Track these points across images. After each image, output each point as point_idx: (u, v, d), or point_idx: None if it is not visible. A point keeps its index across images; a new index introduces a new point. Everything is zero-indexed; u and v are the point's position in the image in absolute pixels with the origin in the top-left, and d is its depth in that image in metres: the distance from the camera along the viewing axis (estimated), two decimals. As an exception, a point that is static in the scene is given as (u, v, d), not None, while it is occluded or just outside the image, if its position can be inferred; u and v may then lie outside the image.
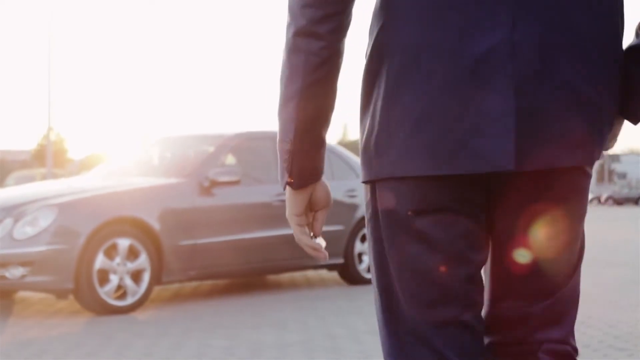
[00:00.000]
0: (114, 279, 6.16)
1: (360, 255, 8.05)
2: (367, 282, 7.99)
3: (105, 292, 6.09)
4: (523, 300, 1.49)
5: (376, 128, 1.43)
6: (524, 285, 1.49)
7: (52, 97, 30.21)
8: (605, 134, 1.43)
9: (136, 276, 6.31)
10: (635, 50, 1.45)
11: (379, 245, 1.50)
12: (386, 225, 1.46)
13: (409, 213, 1.43)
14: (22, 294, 7.14)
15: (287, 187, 1.51)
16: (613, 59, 1.41)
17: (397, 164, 1.41)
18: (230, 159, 7.40)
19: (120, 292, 6.23)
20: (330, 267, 7.94)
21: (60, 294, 6.08)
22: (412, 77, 1.38)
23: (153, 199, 6.52)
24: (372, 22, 1.46)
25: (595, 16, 1.39)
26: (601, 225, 20.82)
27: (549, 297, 1.49)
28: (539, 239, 1.46)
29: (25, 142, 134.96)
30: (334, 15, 1.41)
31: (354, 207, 8.02)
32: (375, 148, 1.43)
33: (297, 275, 8.67)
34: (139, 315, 6.13)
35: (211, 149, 7.30)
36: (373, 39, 1.44)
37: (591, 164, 1.44)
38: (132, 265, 6.25)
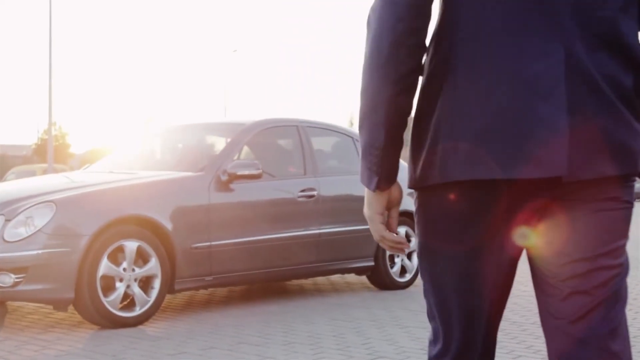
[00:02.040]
0: (120, 287, 5.37)
1: (392, 257, 7.26)
2: (399, 286, 7.21)
3: (110, 302, 5.30)
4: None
5: (442, 137, 1.56)
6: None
7: (53, 91, 29.71)
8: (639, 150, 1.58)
9: (145, 283, 5.51)
10: None
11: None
12: (443, 226, 1.62)
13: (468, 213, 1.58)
14: (14, 304, 6.30)
15: (376, 189, 1.63)
16: (633, 93, 1.59)
17: (465, 169, 1.54)
18: (248, 151, 6.59)
19: (127, 301, 5.44)
20: (359, 271, 7.14)
21: (59, 305, 5.26)
22: (473, 92, 1.54)
23: (164, 195, 5.73)
24: (433, 40, 1.61)
25: (613, 52, 1.56)
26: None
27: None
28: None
29: (26, 137, 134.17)
30: (420, 31, 1.55)
31: (385, 204, 7.22)
32: (442, 155, 1.56)
33: (320, 279, 7.87)
34: (149, 328, 5.34)
35: (228, 139, 6.49)
36: (433, 58, 1.60)
37: (635, 173, 1.59)
38: (140, 271, 5.46)
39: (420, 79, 1.64)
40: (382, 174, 1.61)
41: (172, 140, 7.09)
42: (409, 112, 1.60)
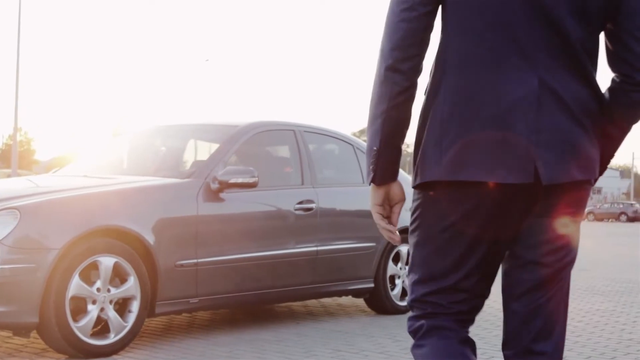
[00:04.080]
0: (92, 310, 4.61)
1: (392, 278, 6.57)
2: (400, 311, 6.52)
3: (81, 328, 4.53)
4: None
5: (440, 144, 1.90)
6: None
7: (20, 97, 28.93)
8: (597, 162, 1.98)
9: (122, 306, 4.75)
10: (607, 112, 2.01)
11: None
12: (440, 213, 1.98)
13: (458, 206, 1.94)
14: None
15: (372, 183, 1.98)
16: (596, 116, 1.96)
17: (450, 171, 1.89)
18: (239, 156, 5.85)
19: (101, 327, 4.67)
20: (357, 293, 6.44)
21: (20, 330, 4.47)
22: (463, 112, 1.89)
23: (146, 204, 4.98)
24: (433, 68, 1.96)
25: (580, 80, 1.93)
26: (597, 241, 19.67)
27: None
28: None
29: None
30: (413, 57, 1.90)
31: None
32: (436, 158, 1.91)
33: (311, 301, 7.15)
34: (125, 358, 4.58)
35: (219, 142, 5.76)
36: (433, 81, 1.95)
37: (594, 178, 1.98)
38: (117, 292, 4.71)
39: (421, 95, 1.98)
40: (377, 171, 1.96)
41: (156, 142, 6.33)
42: (404, 122, 1.95)
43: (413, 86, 1.91)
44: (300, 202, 5.83)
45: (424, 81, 2.00)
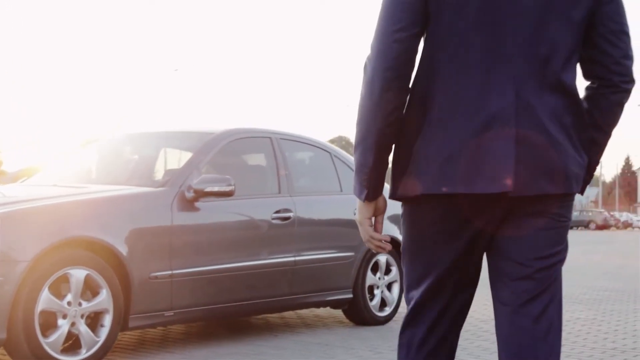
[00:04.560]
0: (63, 325, 4.42)
1: (371, 289, 6.43)
2: (378, 322, 6.39)
3: (51, 344, 4.34)
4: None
5: (419, 161, 1.98)
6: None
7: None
8: (577, 175, 2.03)
9: (94, 320, 4.57)
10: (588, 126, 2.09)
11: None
12: (418, 227, 2.08)
13: (437, 218, 2.02)
14: None
15: (361, 199, 2.08)
16: (572, 129, 2.02)
17: (433, 185, 1.97)
18: (214, 164, 5.69)
19: (72, 342, 4.48)
20: (336, 304, 6.29)
21: (-13, 346, 4.29)
22: (443, 126, 1.96)
23: (119, 214, 4.80)
24: (414, 81, 2.02)
25: (557, 93, 1.99)
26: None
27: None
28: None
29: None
30: (406, 76, 1.97)
31: (366, 229, 6.38)
32: (418, 174, 1.99)
33: (288, 313, 6.99)
34: (98, 375, 4.40)
35: (193, 150, 5.59)
36: (412, 96, 2.01)
37: (571, 193, 2.04)
38: (88, 306, 4.52)
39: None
40: (370, 188, 2.04)
41: (127, 150, 6.15)
42: (394, 139, 2.02)
43: (403, 105, 2.00)
44: (277, 211, 5.68)
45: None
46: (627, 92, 2.10)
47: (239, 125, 5.94)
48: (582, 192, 2.10)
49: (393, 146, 2.04)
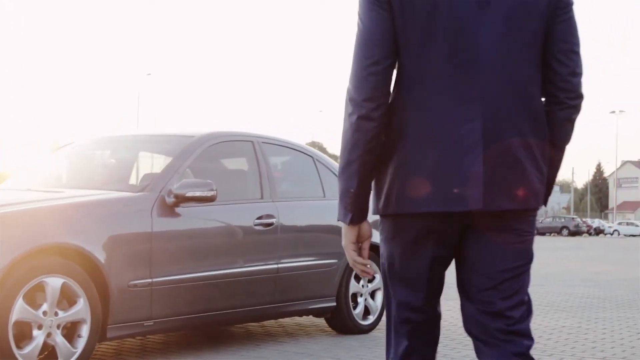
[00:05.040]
0: (38, 336, 4.22)
1: (355, 297, 6.28)
2: (362, 330, 6.25)
3: (26, 355, 4.15)
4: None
5: (396, 182, 2.14)
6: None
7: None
8: (538, 191, 2.19)
9: (71, 331, 4.38)
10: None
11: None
12: (397, 242, 2.24)
13: (415, 234, 2.19)
14: None
15: (346, 223, 2.22)
16: (539, 148, 2.18)
17: (412, 205, 2.14)
18: (194, 168, 5.51)
19: (47, 353, 4.29)
20: (319, 313, 6.14)
21: (-43, 359, 4.09)
22: (416, 149, 2.12)
23: (97, 220, 4.61)
24: (388, 109, 2.15)
25: (525, 114, 2.15)
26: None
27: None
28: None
29: None
30: (382, 105, 2.13)
31: (349, 235, 6.23)
32: (396, 193, 2.16)
33: (269, 322, 6.82)
34: (75, 388, 4.21)
35: (173, 153, 5.41)
36: (392, 121, 2.16)
37: (535, 208, 2.20)
38: (65, 315, 4.33)
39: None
40: (355, 212, 2.20)
41: (104, 154, 5.95)
42: (376, 164, 2.17)
43: (382, 131, 2.15)
44: (260, 217, 5.52)
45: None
46: (574, 108, 2.24)
47: (219, 129, 5.77)
48: (545, 204, 2.26)
49: (374, 171, 2.18)
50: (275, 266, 5.56)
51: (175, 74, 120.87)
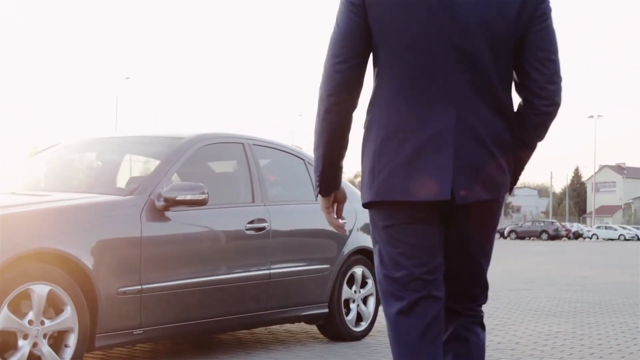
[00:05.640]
0: (23, 346, 4.03)
1: (347, 303, 6.14)
2: (355, 337, 6.10)
3: (10, 366, 3.96)
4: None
5: (375, 173, 2.37)
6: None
7: None
8: (505, 183, 2.43)
9: (58, 340, 4.19)
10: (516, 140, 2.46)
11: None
12: (378, 228, 2.49)
13: (388, 223, 2.44)
14: None
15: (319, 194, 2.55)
16: (508, 144, 2.40)
17: (381, 194, 2.38)
18: (182, 171, 5.35)
19: (33, 364, 4.10)
20: (312, 319, 5.98)
21: (-62, 370, 3.89)
22: (392, 144, 2.33)
23: (84, 224, 4.43)
24: (368, 106, 2.42)
25: (495, 113, 2.36)
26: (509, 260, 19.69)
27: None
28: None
29: None
30: (346, 101, 2.38)
31: (342, 240, 6.10)
32: (369, 183, 2.40)
33: (259, 329, 6.64)
34: (62, 400, 4.03)
35: (161, 156, 5.24)
36: (369, 118, 2.42)
37: (501, 198, 2.44)
38: (51, 324, 4.14)
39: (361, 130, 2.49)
40: (322, 187, 2.52)
41: (90, 156, 5.76)
42: (341, 149, 2.46)
43: (347, 122, 2.42)
44: (251, 222, 5.36)
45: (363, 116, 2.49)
46: (548, 115, 2.41)
47: (208, 130, 5.61)
48: (510, 193, 2.51)
49: (343, 153, 2.46)
50: (267, 272, 5.40)
51: (154, 78, 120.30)
